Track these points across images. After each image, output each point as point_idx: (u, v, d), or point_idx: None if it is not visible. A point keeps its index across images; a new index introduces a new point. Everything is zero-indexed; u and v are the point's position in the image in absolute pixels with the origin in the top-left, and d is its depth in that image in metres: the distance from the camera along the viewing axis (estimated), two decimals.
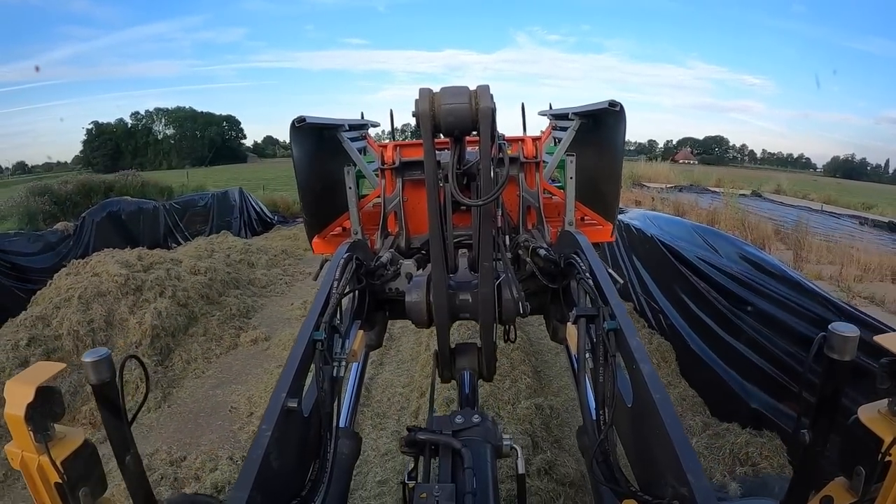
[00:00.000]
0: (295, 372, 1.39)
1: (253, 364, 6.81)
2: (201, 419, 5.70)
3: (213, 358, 7.05)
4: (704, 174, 29.12)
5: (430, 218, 1.89)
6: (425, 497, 1.31)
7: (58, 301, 7.02)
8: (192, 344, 7.17)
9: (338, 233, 3.12)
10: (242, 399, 5.84)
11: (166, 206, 12.18)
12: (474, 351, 2.28)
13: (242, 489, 1.07)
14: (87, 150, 72.61)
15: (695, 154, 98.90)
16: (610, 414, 1.34)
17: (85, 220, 9.97)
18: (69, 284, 7.39)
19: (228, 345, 7.41)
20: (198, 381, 6.52)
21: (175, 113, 76.06)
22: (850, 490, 1.12)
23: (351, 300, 2.05)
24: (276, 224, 16.13)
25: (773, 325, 4.10)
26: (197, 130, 75.45)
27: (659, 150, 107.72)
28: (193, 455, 4.93)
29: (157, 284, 7.60)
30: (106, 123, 73.99)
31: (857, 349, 1.12)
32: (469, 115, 1.64)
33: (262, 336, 7.59)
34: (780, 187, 24.10)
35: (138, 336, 6.74)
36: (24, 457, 1.07)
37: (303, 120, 2.37)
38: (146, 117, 76.06)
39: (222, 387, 6.32)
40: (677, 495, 1.10)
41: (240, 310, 8.41)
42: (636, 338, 1.40)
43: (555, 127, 3.32)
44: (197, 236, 12.45)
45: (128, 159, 66.21)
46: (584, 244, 1.96)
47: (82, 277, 7.55)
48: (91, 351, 1.14)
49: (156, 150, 73.37)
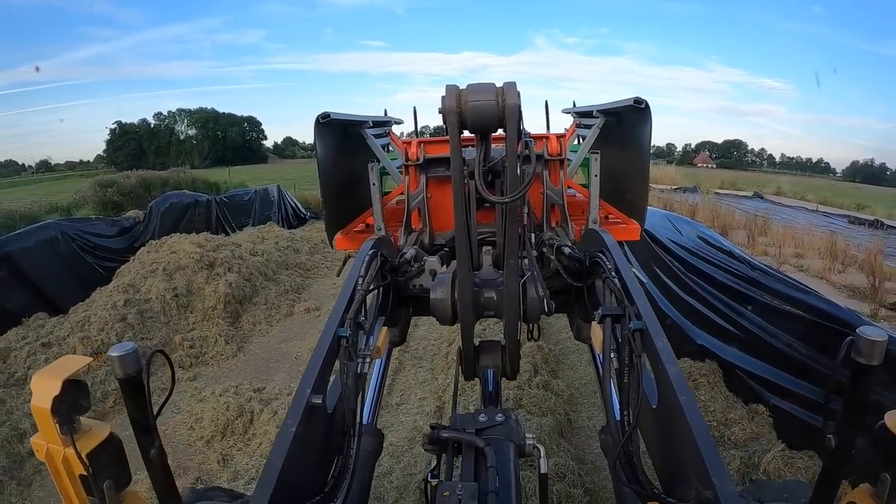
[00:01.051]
0: (320, 368, 1.40)
1: (308, 327, 8.25)
2: (272, 364, 7.18)
3: (273, 322, 8.57)
4: (709, 177, 30.45)
5: (455, 215, 1.89)
6: (448, 495, 1.30)
7: (144, 272, 8.61)
8: (256, 310, 8.72)
9: (361, 229, 3.14)
10: (304, 350, 7.25)
11: (217, 199, 13.76)
12: (498, 349, 2.27)
13: (266, 483, 1.09)
14: (110, 150, 74.33)
15: (713, 158, 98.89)
16: (634, 415, 1.34)
17: (151, 210, 11.57)
18: (152, 259, 9.00)
19: (285, 312, 8.93)
20: (264, 339, 8.05)
21: (197, 114, 77.92)
22: (875, 497, 1.09)
23: (375, 297, 2.07)
24: (309, 219, 17.57)
25: (712, 281, 5.47)
26: (219, 131, 77.10)
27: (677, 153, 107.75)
28: (271, 386, 6.39)
29: (225, 262, 9.17)
30: (129, 123, 75.61)
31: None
32: (496, 111, 1.63)
33: (314, 307, 9.08)
34: (780, 189, 25.46)
35: (214, 301, 8.28)
36: (49, 449, 1.08)
37: (327, 116, 2.36)
38: (168, 118, 77.90)
39: (286, 342, 7.79)
40: (701, 498, 1.09)
41: (292, 286, 9.96)
42: (663, 339, 1.39)
43: (579, 125, 3.35)
44: (242, 227, 14.03)
45: (150, 159, 68.15)
46: (609, 243, 1.95)
47: (162, 254, 9.15)
48: (117, 345, 1.14)
49: (178, 150, 75.02)
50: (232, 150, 72.17)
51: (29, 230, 8.91)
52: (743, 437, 4.28)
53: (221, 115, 78.62)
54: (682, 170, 30.95)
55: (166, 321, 7.88)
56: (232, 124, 78.65)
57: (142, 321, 7.56)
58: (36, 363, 6.51)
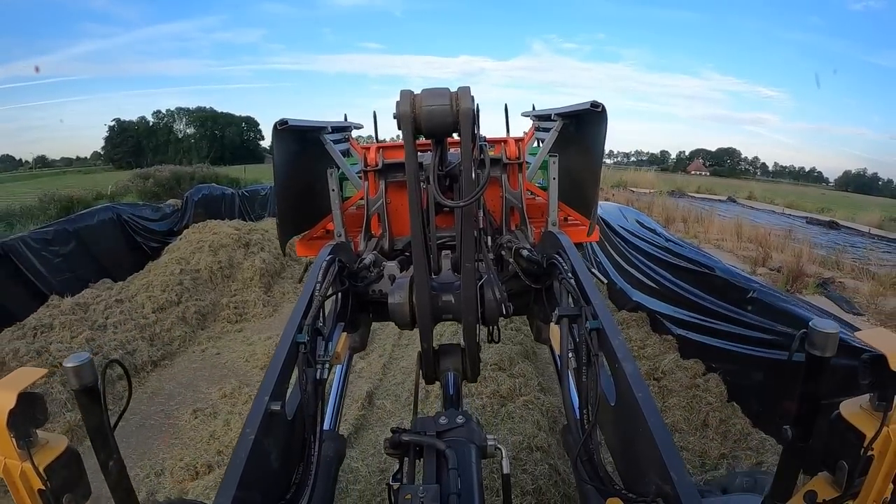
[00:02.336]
0: (278, 374, 1.41)
1: None
2: None
3: (298, 293, 10.43)
4: (687, 183, 33.14)
5: (411, 219, 1.91)
6: (410, 498, 1.31)
7: (192, 249, 10.44)
8: (285, 283, 10.57)
9: (321, 235, 3.15)
10: None
11: (240, 193, 15.63)
12: (458, 352, 2.30)
13: (227, 492, 1.09)
14: (108, 147, 75.52)
15: (707, 166, 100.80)
16: (593, 413, 1.38)
17: (187, 199, 13.42)
18: (198, 239, 10.84)
19: None
20: (292, 304, 9.91)
21: (196, 113, 79.49)
22: (834, 485, 1.12)
23: (334, 302, 2.10)
24: None
25: (643, 252, 7.47)
26: (216, 130, 78.61)
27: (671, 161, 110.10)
28: None
29: (258, 242, 11.03)
30: (128, 121, 76.87)
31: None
32: (450, 116, 1.65)
33: None
34: (752, 194, 28.01)
35: (251, 273, 10.13)
36: (6, 464, 1.07)
37: (285, 122, 2.36)
38: (167, 116, 79.26)
39: None
40: (661, 493, 1.14)
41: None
42: (619, 337, 1.43)
43: (538, 128, 3.39)
44: (260, 218, 15.80)
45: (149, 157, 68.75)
46: (566, 244, 1.97)
47: (206, 235, 11.00)
48: (73, 356, 1.13)
49: (176, 149, 75.73)
50: (230, 149, 73.00)
51: (92, 211, 10.71)
52: (653, 354, 6.19)
53: (220, 115, 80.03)
54: (662, 175, 33.48)
55: (213, 287, 9.72)
56: (230, 124, 79.94)
57: (195, 286, 9.39)
58: (112, 314, 8.29)
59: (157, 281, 9.22)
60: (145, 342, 7.52)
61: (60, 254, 9.38)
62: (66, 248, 9.53)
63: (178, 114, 79.80)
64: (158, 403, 6.35)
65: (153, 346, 7.56)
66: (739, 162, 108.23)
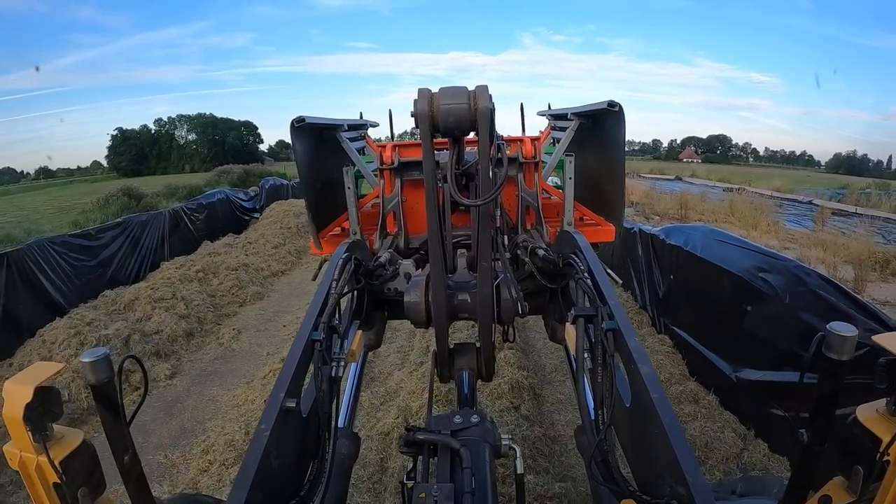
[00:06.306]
0: (293, 372, 1.46)
1: None
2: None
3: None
4: (659, 167, 40.53)
5: (428, 218, 1.98)
6: (424, 497, 1.35)
7: (281, 215, 16.97)
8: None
9: (337, 233, 3.27)
10: None
11: (292, 183, 21.90)
12: (473, 351, 2.40)
13: (241, 489, 1.13)
14: (112, 155, 79.26)
15: (699, 153, 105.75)
16: (608, 414, 1.40)
17: (262, 187, 19.97)
18: (283, 210, 17.38)
19: None
20: None
21: (196, 119, 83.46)
22: (849, 490, 1.14)
23: (350, 300, 2.21)
24: None
25: None
26: (217, 135, 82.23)
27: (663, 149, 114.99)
28: None
29: None
30: (130, 130, 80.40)
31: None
32: (468, 115, 1.70)
33: None
34: (694, 173, 35.78)
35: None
36: (22, 457, 1.11)
37: (302, 120, 2.44)
38: (168, 123, 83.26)
39: None
40: (675, 495, 1.15)
41: None
42: (635, 338, 1.45)
43: (554, 127, 3.52)
44: None
45: (152, 164, 75.05)
46: (582, 244, 2.01)
47: (285, 206, 17.59)
48: (89, 351, 1.16)
49: (179, 155, 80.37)
50: (231, 153, 75.19)
51: (213, 192, 17.20)
52: None
53: (220, 120, 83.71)
54: (653, 164, 40.16)
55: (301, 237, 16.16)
56: (230, 128, 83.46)
57: (290, 236, 15.79)
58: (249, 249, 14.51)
59: (268, 232, 15.71)
60: (276, 262, 13.87)
61: (201, 218, 15.75)
62: (201, 215, 15.91)
63: (178, 120, 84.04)
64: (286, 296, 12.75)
65: (279, 263, 13.89)
66: (731, 148, 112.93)
